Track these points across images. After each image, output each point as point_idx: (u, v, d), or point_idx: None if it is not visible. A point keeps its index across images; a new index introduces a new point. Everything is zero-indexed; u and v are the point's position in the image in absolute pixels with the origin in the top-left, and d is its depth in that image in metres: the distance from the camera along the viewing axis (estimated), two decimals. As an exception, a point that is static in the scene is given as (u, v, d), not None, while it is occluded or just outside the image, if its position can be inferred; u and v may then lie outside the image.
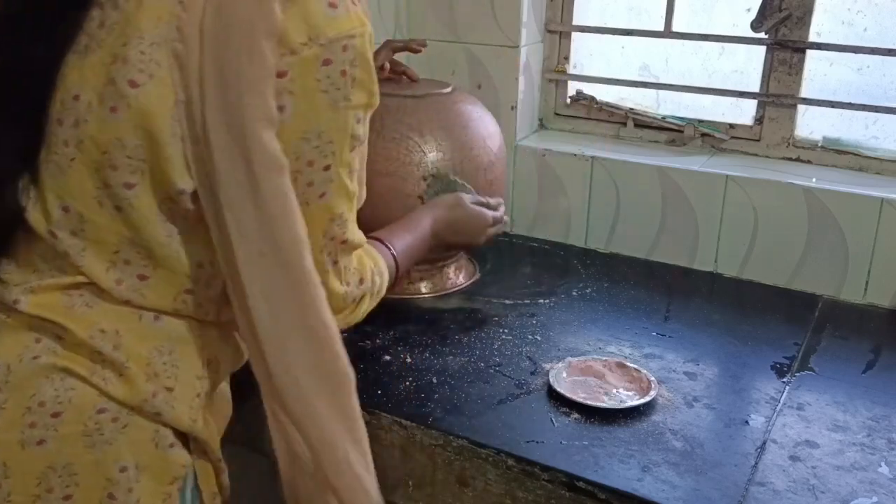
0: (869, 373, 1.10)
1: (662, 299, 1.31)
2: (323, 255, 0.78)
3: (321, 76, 0.69)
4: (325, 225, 0.76)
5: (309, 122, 0.70)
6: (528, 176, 1.54)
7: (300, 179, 0.72)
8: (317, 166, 0.73)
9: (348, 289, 0.83)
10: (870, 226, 1.28)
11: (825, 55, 1.38)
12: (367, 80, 0.73)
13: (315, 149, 0.72)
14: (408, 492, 0.98)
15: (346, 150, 0.74)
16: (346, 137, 0.73)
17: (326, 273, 0.79)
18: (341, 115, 0.72)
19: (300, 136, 0.70)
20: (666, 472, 0.88)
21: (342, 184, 0.75)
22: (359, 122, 0.74)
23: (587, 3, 1.57)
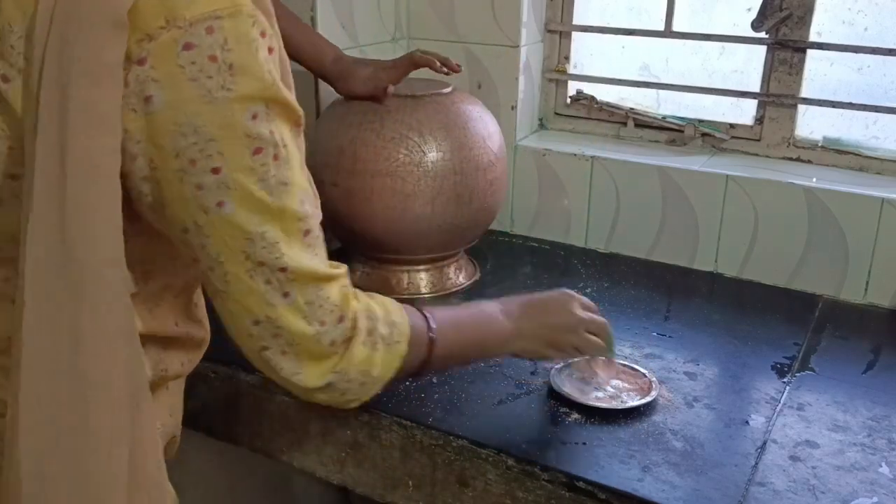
0: (869, 373, 1.10)
1: (662, 299, 1.31)
2: (257, 281, 0.70)
3: (184, 62, 0.62)
4: (243, 245, 0.68)
5: (179, 114, 0.63)
6: (528, 176, 1.54)
7: (186, 180, 0.65)
8: (200, 167, 0.65)
9: (321, 328, 0.74)
10: (870, 226, 1.28)
11: (825, 55, 1.38)
12: (253, 66, 0.64)
13: (193, 145, 0.64)
14: (408, 492, 0.98)
15: (240, 153, 0.65)
16: (235, 135, 0.65)
17: (274, 308, 0.71)
18: (221, 109, 0.64)
19: (174, 129, 0.63)
20: (666, 473, 0.88)
21: (248, 195, 0.66)
22: (255, 118, 0.65)
23: (587, 3, 1.57)
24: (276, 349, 0.74)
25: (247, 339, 0.74)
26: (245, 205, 0.67)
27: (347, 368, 0.78)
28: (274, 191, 0.68)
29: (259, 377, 1.06)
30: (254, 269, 0.69)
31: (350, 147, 1.20)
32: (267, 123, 0.66)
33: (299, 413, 1.04)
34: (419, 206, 1.20)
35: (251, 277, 0.69)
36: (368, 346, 0.78)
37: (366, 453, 1.00)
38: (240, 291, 0.70)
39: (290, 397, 1.04)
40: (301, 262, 0.71)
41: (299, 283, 0.71)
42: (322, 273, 0.73)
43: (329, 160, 1.22)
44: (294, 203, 0.70)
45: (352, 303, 0.77)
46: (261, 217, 0.68)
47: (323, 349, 0.75)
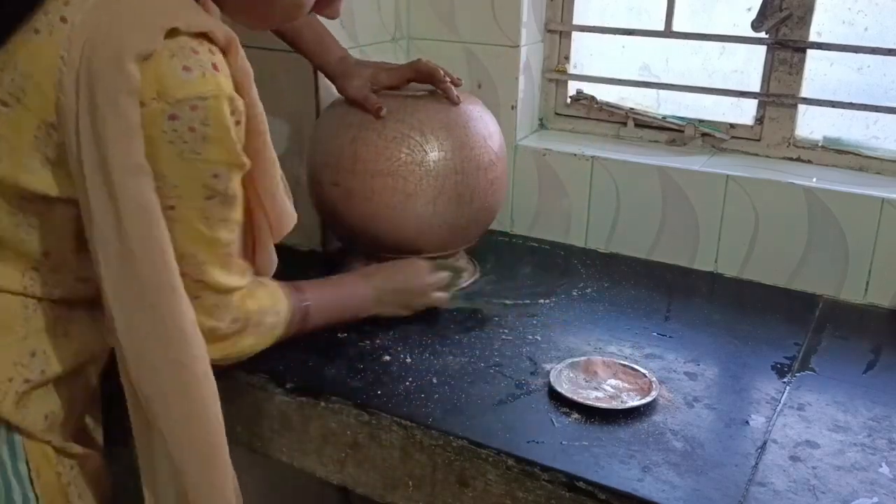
0: (869, 373, 1.10)
1: (662, 299, 1.31)
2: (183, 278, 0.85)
3: (167, 128, 0.77)
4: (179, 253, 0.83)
5: (154, 165, 0.78)
6: (528, 176, 1.54)
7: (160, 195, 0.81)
8: (162, 204, 0.80)
9: (218, 324, 0.91)
10: (870, 226, 1.28)
11: (826, 55, 1.38)
12: (224, 138, 0.80)
13: (159, 189, 0.80)
14: (408, 492, 0.98)
15: (196, 197, 0.82)
16: (195, 186, 0.81)
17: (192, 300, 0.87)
18: (190, 166, 0.80)
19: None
20: (666, 473, 0.88)
21: (191, 227, 0.84)
22: (216, 177, 0.82)
23: (587, 3, 1.57)
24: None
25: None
26: (186, 233, 0.84)
27: (233, 353, 0.97)
28: (213, 226, 0.85)
29: (259, 377, 1.06)
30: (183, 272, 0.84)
31: (351, 146, 1.20)
32: (225, 181, 0.83)
33: (299, 413, 1.04)
34: (420, 206, 1.20)
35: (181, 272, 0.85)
36: (253, 335, 0.98)
37: (366, 453, 1.00)
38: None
39: (291, 396, 1.04)
40: (215, 278, 0.88)
41: (209, 292, 0.89)
42: (228, 286, 0.90)
43: (329, 160, 1.22)
44: (224, 234, 0.87)
45: (247, 304, 0.95)
46: (195, 245, 0.85)
47: (218, 337, 0.93)
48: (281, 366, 1.07)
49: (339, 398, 1.01)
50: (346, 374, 1.05)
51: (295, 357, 1.09)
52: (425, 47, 1.57)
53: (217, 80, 0.78)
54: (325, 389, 1.02)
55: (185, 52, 0.77)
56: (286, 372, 1.05)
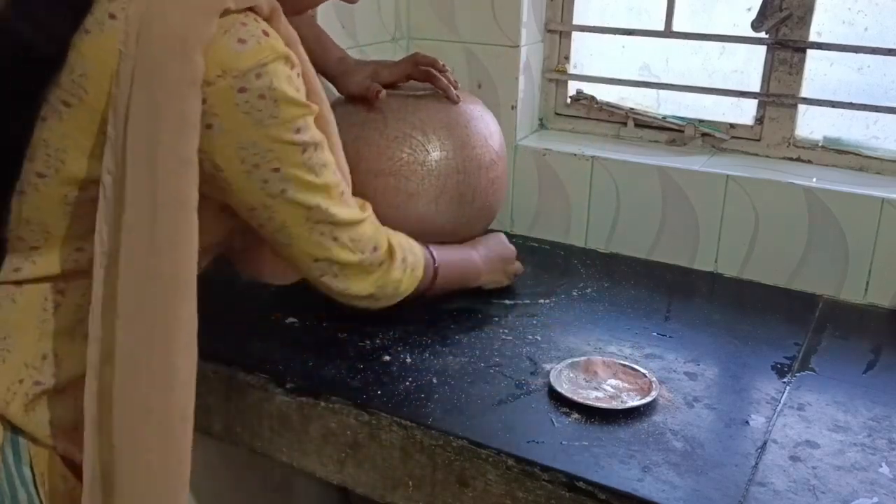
0: (869, 373, 1.10)
1: (662, 299, 1.31)
2: (314, 234, 0.92)
3: (240, 101, 0.80)
4: (303, 217, 0.89)
5: (238, 137, 0.81)
6: (528, 176, 1.54)
7: (252, 177, 0.84)
8: (264, 168, 0.84)
9: (363, 256, 0.97)
10: (870, 226, 1.28)
11: (826, 55, 1.38)
12: (292, 95, 0.83)
13: (255, 155, 0.83)
14: (408, 492, 0.98)
15: (292, 155, 0.85)
16: (286, 146, 0.84)
17: (329, 250, 0.93)
18: (272, 130, 0.82)
19: (235, 146, 0.82)
20: (666, 473, 0.88)
21: (304, 181, 0.87)
22: (298, 131, 0.85)
23: (587, 3, 1.57)
24: (330, 275, 0.97)
25: (307, 271, 0.97)
26: (301, 188, 0.88)
27: (386, 284, 1.02)
28: (319, 173, 0.89)
29: (259, 377, 1.06)
30: (313, 227, 0.91)
31: (353, 146, 1.20)
32: (306, 132, 0.86)
33: (299, 413, 1.04)
34: (422, 206, 1.20)
35: (310, 233, 0.92)
36: (400, 270, 1.03)
37: (366, 453, 1.00)
38: (303, 243, 0.92)
39: (291, 396, 1.04)
40: (343, 215, 0.93)
41: (344, 227, 0.94)
42: (357, 218, 0.95)
43: None
44: (331, 177, 0.91)
45: (382, 234, 1.00)
46: (313, 194, 0.89)
47: (367, 269, 0.99)
48: (281, 366, 1.07)
49: (339, 398, 1.01)
50: (346, 374, 1.05)
51: (295, 357, 1.09)
52: (425, 47, 1.57)
53: (271, 43, 0.81)
54: (325, 389, 1.02)
55: (235, 26, 0.79)
56: (286, 372, 1.05)
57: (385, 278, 1.01)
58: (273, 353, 1.10)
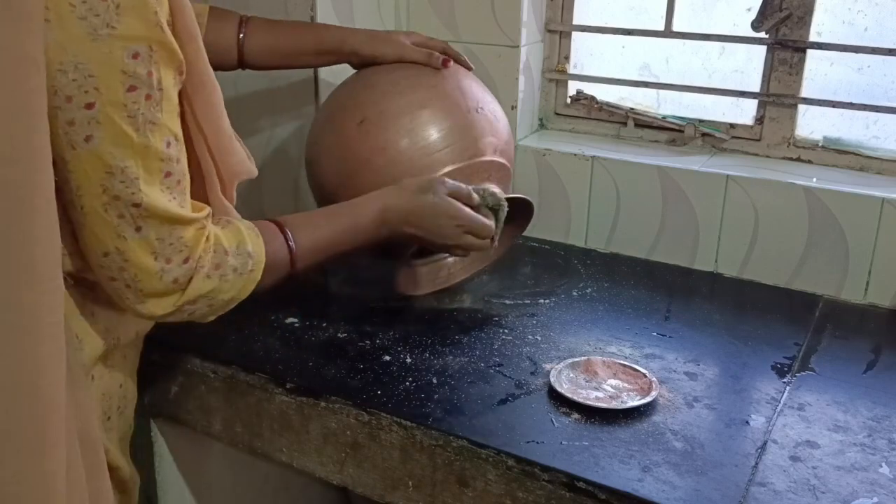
0: (869, 373, 1.10)
1: (662, 299, 1.31)
2: (110, 215, 0.74)
3: (76, 1, 0.66)
4: (102, 178, 0.72)
5: (65, 52, 0.67)
6: (528, 176, 1.54)
7: (60, 117, 0.69)
8: (76, 102, 0.69)
9: (166, 266, 0.78)
10: (870, 226, 1.28)
11: (826, 55, 1.38)
12: (139, 8, 0.69)
13: (73, 82, 0.68)
14: (408, 492, 0.98)
15: (116, 89, 0.69)
16: (112, 72, 0.69)
17: (124, 241, 0.75)
18: (104, 46, 0.68)
19: (56, 67, 0.67)
20: (666, 473, 0.88)
21: (117, 130, 0.71)
22: (135, 57, 0.69)
23: (587, 3, 1.57)
24: (121, 282, 0.78)
25: (98, 268, 0.78)
26: (110, 138, 0.70)
27: (190, 299, 0.82)
28: (141, 128, 0.71)
29: (259, 377, 1.06)
30: (109, 203, 0.73)
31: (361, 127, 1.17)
32: (146, 65, 0.70)
33: (299, 413, 1.04)
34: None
35: (105, 211, 0.73)
36: (215, 278, 0.83)
37: (366, 453, 1.00)
38: (94, 223, 0.74)
39: (291, 396, 1.04)
40: (157, 201, 0.75)
41: (153, 221, 0.75)
42: (176, 214, 0.77)
43: (336, 139, 1.20)
44: (159, 143, 0.74)
45: (201, 244, 0.81)
46: (123, 152, 0.71)
47: (165, 286, 0.79)
48: (281, 366, 1.07)
49: (339, 398, 1.01)
50: (346, 374, 1.05)
51: (295, 357, 1.09)
52: (425, 47, 1.57)
53: None
54: (325, 389, 1.02)
55: None
56: (286, 372, 1.05)
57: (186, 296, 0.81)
58: (273, 353, 1.10)
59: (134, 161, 0.72)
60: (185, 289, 0.81)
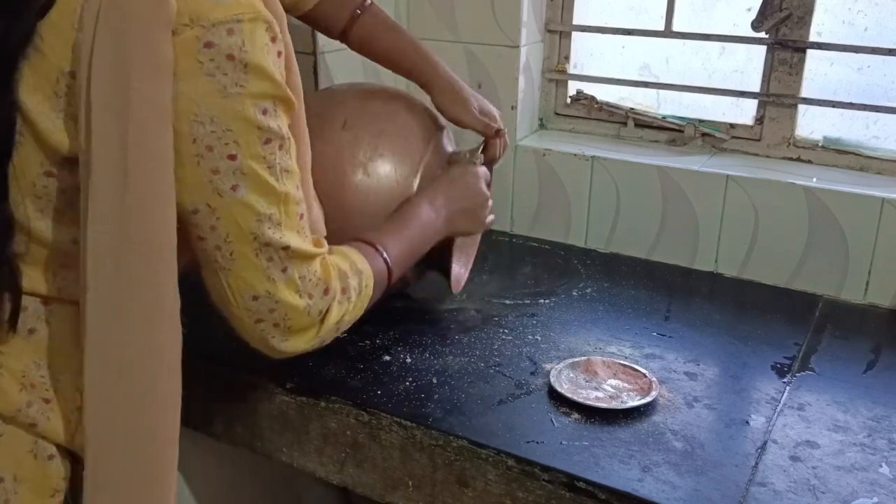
0: (869, 373, 1.10)
1: (662, 299, 1.31)
2: (261, 259, 0.77)
3: (204, 59, 0.69)
4: (252, 225, 0.75)
5: (197, 105, 0.70)
6: (528, 176, 1.54)
7: (202, 164, 0.72)
8: (218, 153, 0.71)
9: (310, 302, 0.82)
10: (870, 226, 1.28)
11: (826, 55, 1.38)
12: (266, 66, 0.72)
13: (212, 134, 0.71)
14: (408, 492, 0.98)
15: (253, 142, 0.73)
16: (248, 127, 0.72)
17: (274, 283, 0.79)
18: (235, 102, 0.71)
19: (191, 118, 0.70)
20: (666, 473, 0.88)
21: (260, 180, 0.74)
22: (265, 113, 0.73)
23: (587, 3, 1.57)
24: (269, 322, 0.81)
25: (244, 312, 0.80)
26: (256, 189, 0.74)
27: (326, 329, 0.86)
28: (280, 177, 0.76)
29: (259, 377, 1.06)
30: (260, 249, 0.77)
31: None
32: (274, 118, 0.74)
33: (299, 413, 1.04)
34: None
35: (256, 256, 0.77)
36: (345, 302, 0.87)
37: (366, 453, 1.00)
38: (244, 268, 0.77)
39: (291, 396, 1.04)
40: (298, 243, 0.79)
41: (296, 261, 0.79)
42: (311, 251, 0.82)
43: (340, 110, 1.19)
44: (293, 189, 0.78)
45: (330, 274, 0.85)
46: (269, 199, 0.75)
47: (311, 321, 0.83)
48: (281, 366, 1.07)
49: (339, 398, 1.01)
50: (346, 374, 1.05)
51: (295, 357, 1.09)
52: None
53: (251, 1, 0.71)
54: (325, 389, 1.02)
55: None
56: (286, 372, 1.05)
57: (323, 329, 0.86)
58: (273, 353, 1.10)
59: (278, 208, 0.76)
60: (324, 320, 0.85)
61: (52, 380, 0.76)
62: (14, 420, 0.75)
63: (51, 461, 0.77)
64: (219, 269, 0.77)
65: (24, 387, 0.75)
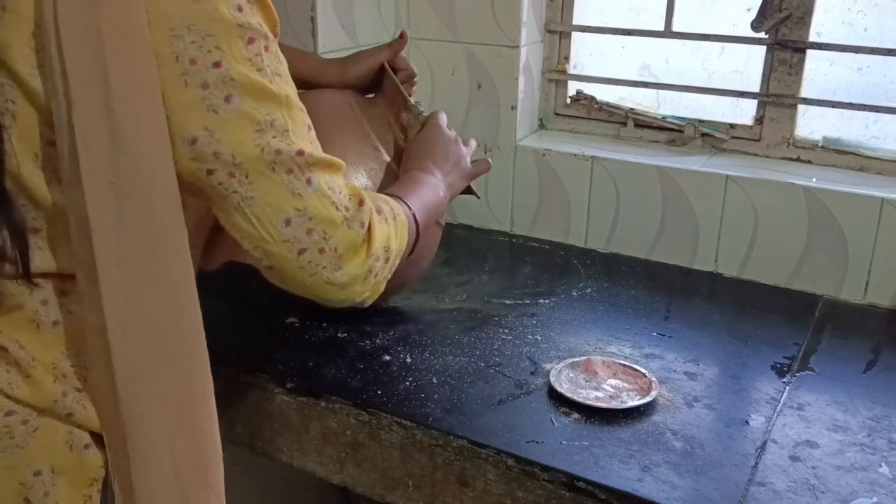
0: (869, 373, 1.10)
1: (662, 299, 1.31)
2: (279, 173, 0.71)
3: None
4: (253, 137, 0.69)
5: (170, 18, 0.65)
6: (528, 176, 1.54)
7: (190, 82, 0.66)
8: (202, 64, 0.66)
9: (347, 214, 0.75)
10: (870, 226, 1.28)
11: (825, 55, 1.38)
12: None
13: (192, 45, 0.66)
14: (408, 492, 0.98)
15: (235, 43, 0.67)
16: (228, 27, 0.67)
17: (301, 198, 0.72)
18: (206, 4, 0.66)
19: (168, 34, 0.65)
20: (666, 473, 0.88)
21: (252, 82, 0.68)
22: (240, 10, 0.68)
23: (587, 3, 1.57)
24: (313, 248, 0.74)
25: (282, 247, 0.73)
26: (250, 94, 0.68)
27: (375, 250, 0.79)
28: (273, 79, 0.69)
29: (259, 377, 1.06)
30: (273, 161, 0.70)
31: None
32: (252, 15, 0.68)
33: (299, 413, 1.04)
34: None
35: (273, 170, 0.70)
36: (383, 221, 0.81)
37: (366, 453, 1.00)
38: (264, 189, 0.71)
39: (291, 396, 1.04)
40: (312, 149, 0.73)
41: (317, 169, 0.73)
42: (332, 160, 0.75)
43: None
44: (293, 93, 0.72)
45: (359, 188, 0.79)
46: (266, 105, 0.69)
47: (355, 234, 0.76)
48: (281, 366, 1.07)
49: (339, 398, 1.01)
50: (346, 374, 1.05)
51: (295, 357, 1.09)
52: (425, 47, 1.57)
53: None
54: (325, 389, 1.02)
55: None
56: (286, 372, 1.05)
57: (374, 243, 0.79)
58: (273, 353, 1.10)
59: (280, 113, 0.70)
60: (370, 236, 0.78)
61: (81, 367, 0.74)
62: (50, 412, 0.73)
63: (87, 450, 0.75)
64: (241, 200, 0.71)
65: (57, 377, 0.73)
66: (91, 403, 0.75)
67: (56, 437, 0.74)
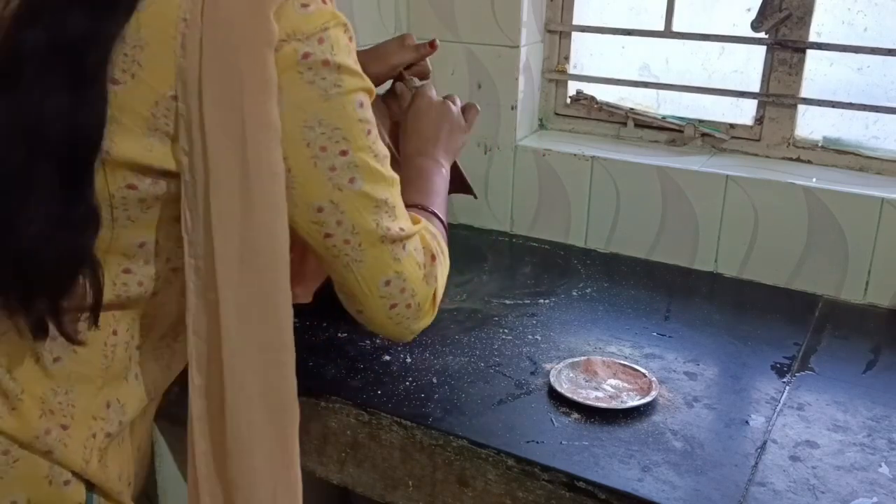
0: (869, 373, 1.10)
1: (662, 299, 1.31)
2: (386, 244, 0.81)
3: (303, 69, 0.73)
4: (372, 213, 0.79)
5: (304, 112, 0.74)
6: (528, 176, 1.54)
7: (319, 165, 0.76)
8: (331, 151, 0.76)
9: (425, 271, 0.86)
10: (870, 226, 1.28)
11: (825, 55, 1.38)
12: (352, 65, 0.77)
13: (322, 135, 0.75)
14: (408, 492, 0.98)
15: (359, 135, 0.77)
16: (352, 122, 0.76)
17: (399, 262, 0.83)
18: (337, 103, 0.75)
19: (301, 125, 0.74)
20: (666, 473, 0.88)
21: (372, 169, 0.78)
22: (362, 106, 0.77)
23: (587, 3, 1.57)
24: (402, 303, 0.84)
25: (379, 301, 0.84)
26: (370, 178, 0.79)
27: (440, 295, 0.89)
28: (382, 163, 0.80)
29: (259, 377, 1.06)
30: (384, 235, 0.81)
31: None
32: (367, 109, 0.78)
33: (299, 413, 1.04)
34: None
35: (382, 241, 0.81)
36: (440, 265, 0.90)
37: (366, 453, 1.00)
38: (373, 256, 0.81)
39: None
40: (406, 222, 0.84)
41: (408, 238, 0.84)
42: (415, 228, 0.86)
43: None
44: (391, 171, 0.82)
45: (426, 238, 0.88)
46: (382, 187, 0.80)
47: (429, 290, 0.87)
48: (281, 366, 1.07)
49: (339, 398, 1.01)
50: (346, 374, 1.05)
51: (295, 357, 1.09)
52: (425, 47, 1.57)
53: (330, 9, 0.76)
54: (325, 389, 1.02)
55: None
56: (286, 372, 1.05)
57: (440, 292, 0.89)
58: (273, 353, 1.10)
59: (390, 193, 0.81)
60: (437, 284, 0.88)
61: (69, 406, 0.77)
62: (31, 446, 0.75)
63: (67, 486, 0.77)
64: (351, 262, 0.81)
65: (45, 413, 0.76)
66: (75, 442, 0.77)
67: (36, 471, 0.76)
